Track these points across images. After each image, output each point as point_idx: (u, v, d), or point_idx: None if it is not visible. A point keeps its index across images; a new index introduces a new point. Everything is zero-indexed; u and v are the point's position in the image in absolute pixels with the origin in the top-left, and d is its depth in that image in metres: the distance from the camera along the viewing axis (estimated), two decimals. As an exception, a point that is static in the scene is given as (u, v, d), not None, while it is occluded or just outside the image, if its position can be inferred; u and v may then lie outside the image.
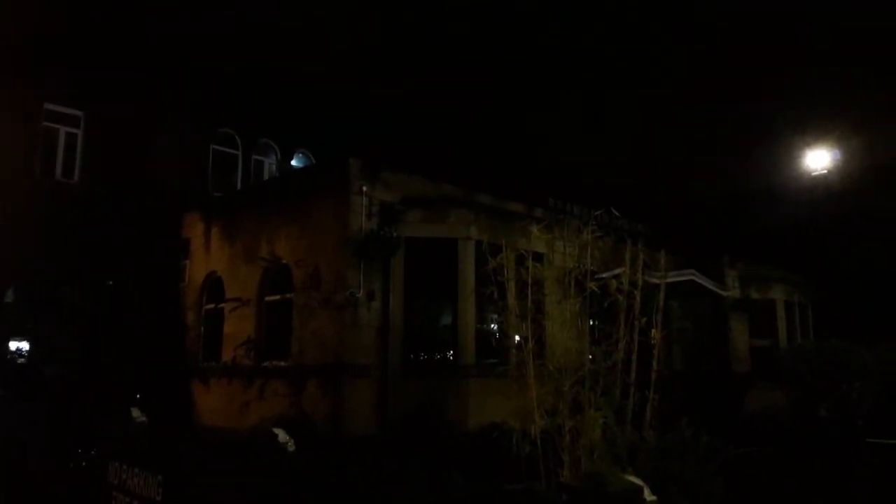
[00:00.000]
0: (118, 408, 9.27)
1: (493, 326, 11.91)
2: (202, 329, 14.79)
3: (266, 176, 19.52)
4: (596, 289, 6.58)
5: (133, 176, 15.48)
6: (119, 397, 10.88)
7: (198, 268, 15.14)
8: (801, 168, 23.61)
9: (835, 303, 20.20)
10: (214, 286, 14.68)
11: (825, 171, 23.02)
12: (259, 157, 19.55)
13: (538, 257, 7.38)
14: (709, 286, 16.11)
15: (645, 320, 6.68)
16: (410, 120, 20.87)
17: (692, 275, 15.18)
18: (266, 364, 12.76)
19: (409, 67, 21.47)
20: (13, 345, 14.57)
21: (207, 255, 14.91)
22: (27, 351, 14.72)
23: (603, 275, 6.95)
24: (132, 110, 15.78)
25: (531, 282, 6.64)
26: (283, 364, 12.30)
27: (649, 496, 4.65)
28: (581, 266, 6.82)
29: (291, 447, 6.40)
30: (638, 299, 6.69)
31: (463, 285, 11.80)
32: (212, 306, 14.66)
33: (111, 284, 14.94)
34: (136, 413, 8.67)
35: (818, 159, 23.29)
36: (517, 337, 6.70)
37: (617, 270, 6.94)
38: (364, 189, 11.72)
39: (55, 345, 14.83)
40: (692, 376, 16.48)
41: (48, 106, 15.31)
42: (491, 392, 10.40)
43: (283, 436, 6.47)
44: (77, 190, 15.44)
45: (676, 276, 12.97)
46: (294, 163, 20.22)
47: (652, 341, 6.78)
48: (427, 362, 12.27)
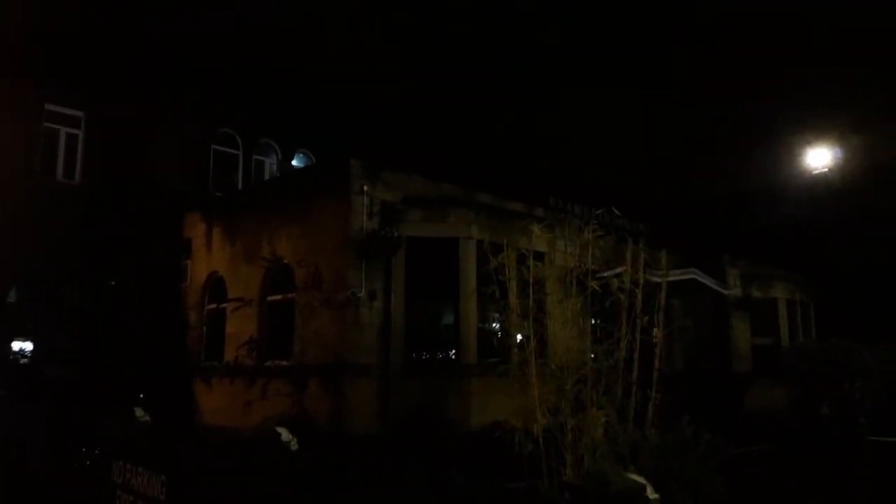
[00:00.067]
0: (121, 408, 9.28)
1: (495, 325, 11.93)
2: (204, 329, 14.81)
3: (267, 176, 19.53)
4: (597, 288, 6.59)
5: (134, 176, 15.51)
6: (121, 397, 10.88)
7: (199, 268, 15.17)
8: (802, 166, 23.61)
9: (836, 302, 20.21)
10: (216, 286, 14.71)
11: (826, 170, 23.00)
12: (260, 157, 19.57)
13: (539, 256, 7.40)
14: (710, 285, 16.11)
15: (646, 319, 6.69)
16: (411, 120, 20.88)
17: (693, 273, 15.18)
18: (268, 364, 12.78)
19: (409, 67, 21.47)
20: (16, 345, 14.58)
21: (209, 256, 14.94)
22: (30, 352, 14.73)
23: (604, 274, 6.96)
24: (133, 110, 15.81)
25: (532, 281, 6.66)
26: (286, 363, 12.32)
27: (651, 494, 4.66)
28: (582, 265, 6.84)
29: (294, 446, 6.40)
30: (639, 298, 6.69)
31: (464, 284, 11.81)
32: (214, 306, 14.68)
33: (113, 285, 14.96)
34: (140, 413, 8.68)
35: (819, 157, 23.28)
36: (519, 336, 6.71)
37: (618, 269, 6.95)
38: (365, 189, 11.73)
39: (56, 345, 14.84)
40: (693, 375, 16.50)
41: (49, 106, 15.32)
42: (493, 391, 10.41)
43: (286, 435, 6.47)
44: (78, 190, 15.46)
45: (678, 275, 12.98)
46: (295, 163, 20.23)
47: (653, 340, 6.79)
48: (429, 361, 12.27)
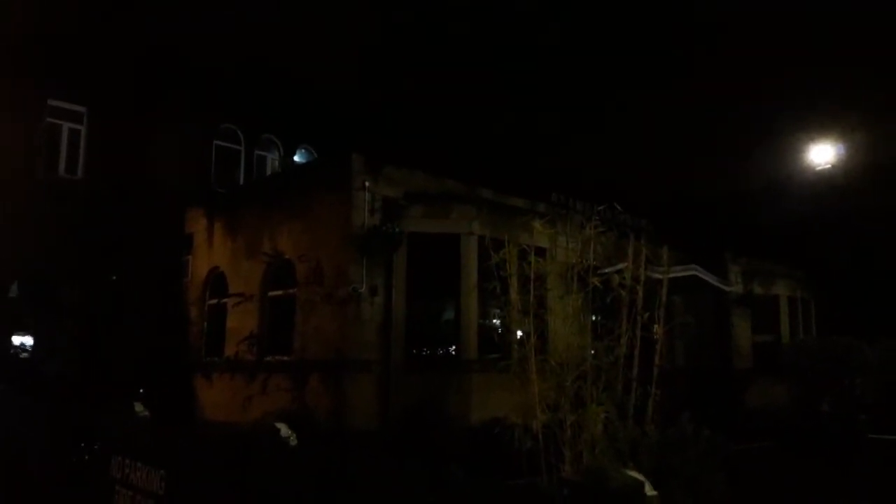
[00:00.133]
0: (120, 403, 9.29)
1: (496, 322, 11.91)
2: (205, 324, 14.82)
3: (268, 171, 19.53)
4: (598, 284, 6.58)
5: (135, 172, 15.51)
6: (120, 394, 10.90)
7: (201, 263, 15.16)
8: (805, 163, 23.52)
9: (837, 299, 20.17)
10: (217, 281, 14.70)
11: (829, 166, 22.92)
12: (261, 153, 19.56)
13: (541, 252, 7.40)
14: (711, 281, 16.07)
15: (647, 315, 6.67)
16: (413, 116, 20.85)
17: (695, 270, 15.14)
18: (269, 359, 12.79)
19: (410, 67, 21.43)
20: (17, 339, 14.60)
21: (210, 251, 14.93)
22: (31, 346, 14.74)
23: (605, 270, 6.95)
24: (134, 108, 15.83)
25: (534, 277, 6.64)
26: (286, 359, 12.32)
27: (650, 491, 4.66)
28: (584, 261, 6.82)
29: (294, 442, 6.41)
30: (640, 294, 6.67)
31: (465, 280, 11.79)
32: (215, 301, 14.68)
33: (113, 280, 14.96)
34: (139, 408, 8.70)
35: (822, 154, 23.19)
36: (519, 332, 6.70)
37: (619, 266, 6.93)
38: (367, 184, 11.71)
39: (56, 342, 14.84)
40: (694, 372, 16.49)
41: (51, 102, 15.35)
42: (493, 387, 10.40)
43: (286, 430, 6.48)
44: (80, 186, 15.47)
45: (679, 272, 12.95)
46: (296, 158, 20.22)
47: (654, 337, 6.77)
48: (429, 357, 12.27)
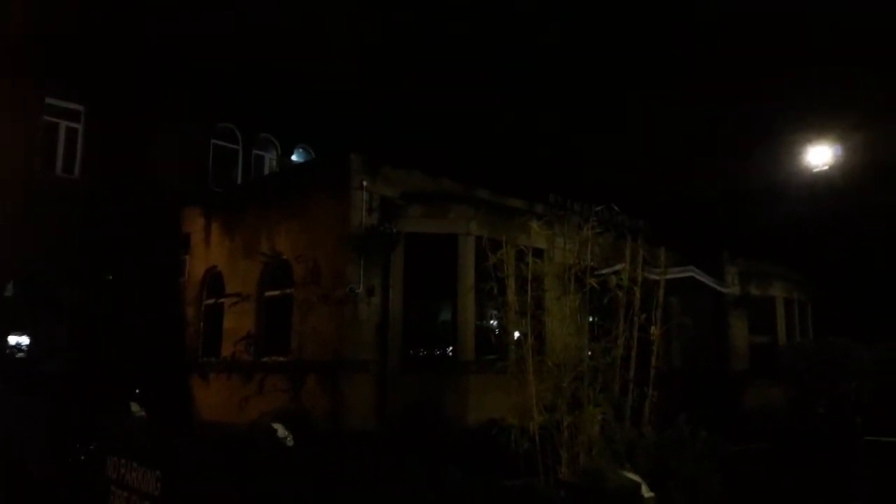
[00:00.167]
0: (117, 403, 9.27)
1: (493, 322, 11.90)
2: (202, 324, 14.79)
3: (266, 171, 19.49)
4: (596, 285, 6.58)
5: (133, 170, 15.46)
6: (119, 393, 10.87)
7: (198, 263, 15.13)
8: (802, 164, 23.54)
9: (834, 301, 20.19)
10: (214, 281, 14.67)
11: (826, 167, 22.94)
12: (259, 152, 19.54)
13: (538, 253, 7.39)
14: (708, 283, 16.08)
15: (644, 317, 6.69)
16: (411, 116, 20.84)
17: (692, 271, 15.15)
18: (265, 359, 12.76)
19: (409, 67, 21.43)
20: (12, 339, 14.56)
21: (207, 250, 14.90)
22: (27, 346, 14.71)
23: (603, 271, 6.96)
24: (132, 107, 15.78)
25: (531, 278, 6.65)
26: (283, 359, 12.30)
27: (647, 492, 4.66)
28: (581, 262, 6.83)
29: (290, 442, 6.41)
30: (637, 296, 6.68)
31: (463, 281, 11.78)
32: (212, 301, 14.65)
33: (111, 279, 14.93)
34: (136, 408, 8.68)
35: (819, 155, 23.21)
36: (517, 333, 6.71)
37: (617, 267, 6.94)
38: (364, 184, 11.70)
39: (54, 342, 14.81)
40: (691, 373, 16.48)
41: (49, 100, 15.29)
42: (490, 388, 10.39)
43: (282, 430, 6.48)
44: (77, 185, 15.43)
45: (676, 273, 12.95)
46: (294, 158, 20.20)
47: (651, 338, 6.78)
48: (426, 358, 12.26)
